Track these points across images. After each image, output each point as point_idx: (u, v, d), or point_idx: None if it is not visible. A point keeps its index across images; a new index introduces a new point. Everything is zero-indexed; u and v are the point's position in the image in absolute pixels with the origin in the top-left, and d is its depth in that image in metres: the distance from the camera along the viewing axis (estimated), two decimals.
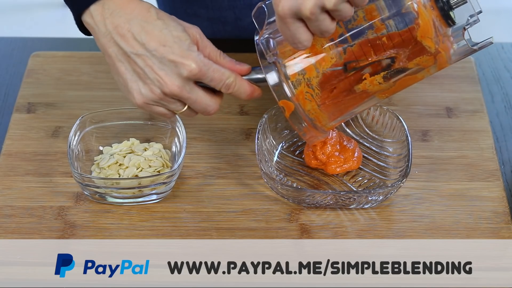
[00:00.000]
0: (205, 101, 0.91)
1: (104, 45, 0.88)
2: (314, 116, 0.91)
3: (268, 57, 0.89)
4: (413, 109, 1.11)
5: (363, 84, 0.89)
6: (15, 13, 2.60)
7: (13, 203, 0.98)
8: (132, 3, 0.87)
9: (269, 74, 0.89)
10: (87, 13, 0.87)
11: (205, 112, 0.92)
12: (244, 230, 0.95)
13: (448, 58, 0.87)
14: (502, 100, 1.15)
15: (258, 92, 0.93)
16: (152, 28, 0.86)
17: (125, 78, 0.88)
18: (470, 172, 1.02)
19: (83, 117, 1.02)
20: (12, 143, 1.05)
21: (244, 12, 1.24)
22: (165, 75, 0.87)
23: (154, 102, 0.90)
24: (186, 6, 1.27)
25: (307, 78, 0.89)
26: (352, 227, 0.96)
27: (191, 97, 0.89)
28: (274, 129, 1.05)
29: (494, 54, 1.23)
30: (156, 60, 0.86)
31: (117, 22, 0.86)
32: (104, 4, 0.87)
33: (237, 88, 0.91)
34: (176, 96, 0.89)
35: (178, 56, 0.86)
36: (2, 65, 1.21)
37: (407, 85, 0.91)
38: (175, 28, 0.88)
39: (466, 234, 0.95)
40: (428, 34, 0.85)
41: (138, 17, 0.87)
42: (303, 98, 0.89)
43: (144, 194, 0.98)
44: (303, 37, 0.84)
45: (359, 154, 1.02)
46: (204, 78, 0.88)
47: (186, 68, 0.87)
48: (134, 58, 0.87)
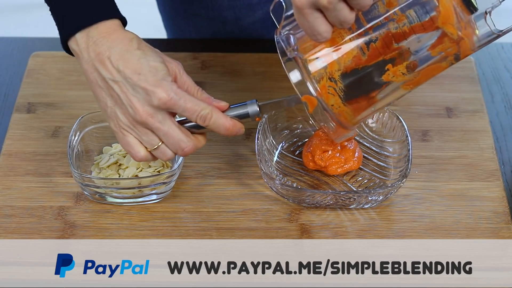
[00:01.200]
0: (178, 135, 0.89)
1: (87, 71, 0.89)
2: (338, 111, 0.89)
3: (289, 52, 0.88)
4: (413, 109, 1.11)
5: (386, 75, 0.88)
6: (15, 13, 2.60)
7: (13, 203, 0.98)
8: (116, 32, 0.89)
9: (290, 70, 0.88)
10: (72, 39, 0.89)
11: (179, 149, 0.89)
12: (244, 230, 0.95)
13: (472, 44, 0.86)
14: (502, 100, 1.15)
15: (240, 127, 0.91)
16: (131, 56, 0.88)
17: (104, 103, 0.90)
18: (470, 172, 1.02)
19: (83, 117, 1.02)
20: (12, 143, 1.05)
21: (244, 12, 1.24)
22: (137, 102, 0.87)
23: (129, 129, 0.89)
24: (186, 6, 1.27)
25: (329, 72, 0.88)
26: (352, 227, 0.96)
27: (162, 128, 0.88)
28: (274, 129, 1.05)
29: (494, 54, 1.23)
30: (130, 87, 0.88)
31: (99, 50, 0.88)
32: (89, 32, 0.89)
33: (213, 121, 0.89)
34: (147, 125, 0.88)
35: (150, 84, 0.87)
36: (2, 65, 1.21)
37: (432, 75, 0.89)
38: (153, 59, 0.88)
39: (466, 234, 0.95)
40: (450, 21, 0.84)
41: (119, 46, 0.88)
42: (326, 93, 0.88)
43: (144, 194, 0.98)
44: (322, 28, 0.83)
45: (359, 154, 1.02)
46: (175, 107, 0.88)
47: (156, 96, 0.87)
48: (112, 84, 0.88)
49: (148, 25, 1.65)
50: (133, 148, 0.90)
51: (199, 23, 1.27)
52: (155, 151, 0.90)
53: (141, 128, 0.89)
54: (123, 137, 0.90)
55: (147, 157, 0.91)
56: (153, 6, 1.38)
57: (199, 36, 1.28)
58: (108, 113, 0.90)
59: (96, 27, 0.88)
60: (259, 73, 1.16)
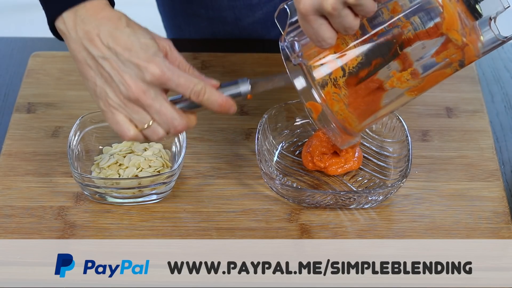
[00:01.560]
0: (170, 113, 0.87)
1: (74, 51, 0.88)
2: (343, 117, 0.89)
3: (293, 59, 0.88)
4: (413, 109, 1.11)
5: (391, 81, 0.88)
6: (15, 13, 2.60)
7: (13, 203, 0.98)
8: (104, 11, 0.88)
9: (295, 76, 0.88)
10: (59, 19, 0.88)
11: (172, 127, 0.88)
12: (244, 230, 0.95)
13: (476, 50, 0.86)
14: (502, 100, 1.15)
15: (232, 104, 0.89)
16: (120, 34, 0.87)
17: (93, 82, 0.88)
18: (470, 172, 1.02)
19: (83, 117, 1.02)
20: (12, 143, 1.05)
21: (244, 12, 1.24)
22: (129, 78, 0.86)
23: (120, 108, 0.88)
24: (186, 6, 1.27)
25: (333, 78, 0.87)
26: (352, 227, 0.96)
27: (154, 105, 0.87)
28: (274, 129, 1.05)
29: (494, 54, 1.23)
30: (121, 64, 0.86)
31: (87, 28, 0.87)
32: (77, 11, 0.88)
33: (207, 96, 0.88)
34: (139, 101, 0.87)
35: (142, 60, 0.86)
36: (2, 65, 1.21)
37: (437, 81, 0.89)
38: (143, 36, 0.88)
39: (466, 234, 0.95)
40: (454, 27, 0.84)
41: (108, 24, 0.87)
42: (331, 99, 0.88)
43: (144, 194, 0.98)
44: (327, 35, 0.83)
45: (359, 154, 1.02)
46: (169, 83, 0.86)
47: (149, 71, 0.85)
48: (101, 62, 0.87)
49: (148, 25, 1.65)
50: (122, 127, 0.88)
51: (199, 23, 1.27)
52: (146, 130, 0.88)
53: (133, 106, 0.87)
54: (112, 116, 0.88)
55: (137, 136, 0.89)
56: (153, 6, 1.38)
57: (199, 36, 1.28)
58: (97, 93, 0.88)
59: (84, 6, 0.87)
60: (259, 73, 1.16)
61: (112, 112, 0.88)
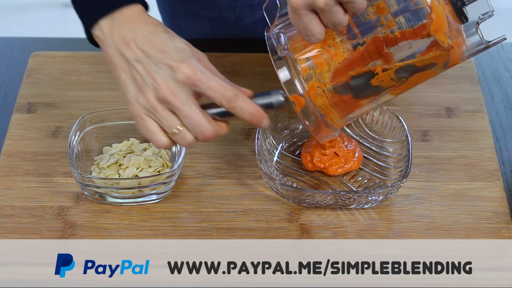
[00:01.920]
0: (199, 118, 0.87)
1: (111, 56, 0.88)
2: (325, 112, 0.89)
3: (279, 51, 0.88)
4: (413, 109, 1.11)
5: (375, 79, 0.88)
6: (15, 13, 2.60)
7: (13, 203, 0.98)
8: (141, 17, 0.88)
9: (279, 68, 0.88)
10: (96, 26, 0.88)
11: (200, 132, 0.87)
12: (244, 230, 0.95)
13: (461, 53, 0.86)
14: (502, 100, 1.15)
15: (263, 115, 0.88)
16: (156, 38, 0.87)
17: (125, 86, 0.88)
18: (470, 172, 1.02)
19: (83, 117, 1.02)
20: (12, 143, 1.06)
21: (244, 12, 1.24)
22: (160, 78, 0.86)
23: (149, 113, 0.87)
24: (186, 6, 1.27)
25: (318, 73, 0.88)
26: (352, 227, 0.96)
27: (184, 108, 0.86)
28: (274, 129, 1.05)
29: (494, 54, 1.23)
30: (153, 65, 0.86)
31: (123, 33, 0.87)
32: (114, 18, 0.88)
33: (240, 103, 0.87)
34: (169, 103, 0.86)
35: (175, 61, 0.86)
36: (2, 65, 1.21)
37: (421, 81, 0.89)
38: (179, 40, 0.88)
39: (466, 234, 0.95)
40: (442, 29, 0.84)
41: (144, 29, 0.87)
42: (314, 93, 0.88)
43: (144, 194, 0.98)
44: (316, 30, 0.84)
45: (359, 155, 1.02)
46: (200, 84, 0.86)
47: (181, 71, 0.85)
48: (135, 64, 0.87)
49: None
50: (154, 135, 0.88)
51: (199, 23, 1.27)
52: (176, 136, 0.88)
53: (162, 110, 0.87)
54: (143, 123, 0.88)
55: (169, 144, 0.88)
56: (153, 6, 1.37)
57: (199, 36, 1.28)
58: (128, 97, 0.88)
59: (121, 12, 0.87)
60: (259, 73, 1.16)
61: (143, 118, 0.88)
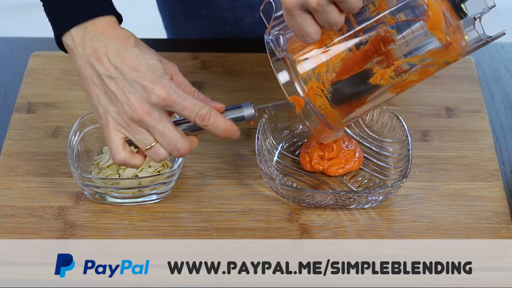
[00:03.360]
0: (174, 135, 0.88)
1: (81, 67, 0.88)
2: (326, 112, 0.89)
3: (278, 52, 0.88)
4: (413, 109, 1.11)
5: (374, 78, 0.88)
6: (15, 13, 2.60)
7: (13, 203, 0.98)
8: (113, 29, 0.88)
9: (277, 69, 0.88)
10: (67, 35, 0.88)
11: (175, 149, 0.88)
12: (244, 230, 0.95)
13: (460, 49, 0.86)
14: (502, 100, 1.15)
15: (236, 129, 0.90)
16: (129, 54, 0.87)
17: (97, 100, 0.88)
18: (470, 172, 1.02)
19: (83, 117, 1.02)
20: (12, 143, 1.05)
21: (244, 12, 1.24)
22: (135, 98, 0.86)
23: (120, 127, 0.88)
24: (186, 6, 1.27)
25: (317, 73, 0.88)
26: (352, 227, 0.96)
27: (158, 126, 0.87)
28: (274, 129, 1.05)
29: (494, 54, 1.23)
30: (127, 84, 0.86)
31: (95, 45, 0.87)
32: (86, 28, 0.88)
33: (212, 121, 0.88)
34: (143, 123, 0.87)
35: (149, 81, 0.86)
36: (2, 65, 1.21)
37: (421, 79, 0.89)
38: (151, 57, 0.88)
39: (466, 234, 0.95)
40: (438, 25, 0.84)
41: (116, 43, 0.87)
42: (314, 94, 0.88)
43: (144, 194, 0.98)
44: (311, 30, 0.84)
45: (360, 155, 1.02)
46: (174, 105, 0.87)
47: (155, 93, 0.86)
48: (107, 80, 0.87)
49: (148, 25, 1.65)
50: (117, 149, 0.88)
51: (199, 23, 1.28)
52: (149, 150, 0.89)
53: (136, 127, 0.88)
54: (109, 135, 0.88)
55: (125, 161, 0.89)
56: (153, 6, 1.38)
57: (199, 36, 1.28)
58: (99, 111, 0.89)
59: (93, 23, 0.88)
60: (259, 73, 1.16)
61: (111, 131, 0.88)
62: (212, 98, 1.11)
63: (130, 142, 0.90)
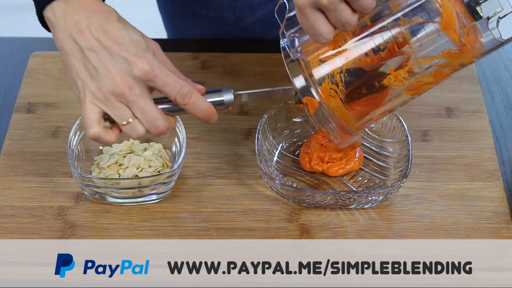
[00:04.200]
0: (154, 112, 0.87)
1: (61, 41, 0.87)
2: (340, 114, 0.89)
3: (292, 53, 0.88)
4: (413, 109, 1.11)
5: (388, 79, 0.87)
6: (15, 13, 2.60)
7: (13, 203, 0.98)
8: (96, 4, 0.87)
9: (292, 71, 0.88)
10: (48, 8, 0.87)
11: (154, 127, 0.87)
12: (244, 230, 0.95)
13: (475, 51, 0.85)
14: (502, 100, 1.15)
15: (215, 113, 0.89)
16: (111, 28, 0.86)
17: (76, 74, 0.87)
18: (470, 172, 1.02)
19: None
20: (12, 143, 1.06)
21: (245, 12, 1.24)
22: (117, 72, 0.85)
23: (98, 102, 0.86)
24: (186, 6, 1.27)
25: (330, 74, 0.88)
26: (352, 227, 0.96)
27: (139, 102, 0.86)
28: (274, 129, 1.05)
29: (494, 54, 1.22)
30: (109, 56, 0.85)
31: (77, 19, 0.86)
32: (68, 1, 0.87)
33: (193, 100, 0.87)
34: (123, 96, 0.86)
35: (132, 55, 0.85)
36: (2, 65, 1.21)
37: (436, 81, 0.89)
38: (134, 32, 0.87)
39: (466, 234, 0.95)
40: (452, 26, 0.84)
41: (99, 16, 0.86)
42: (327, 95, 0.88)
43: (144, 194, 0.98)
44: (324, 29, 0.83)
45: (360, 155, 1.02)
46: (156, 80, 0.86)
47: (138, 66, 0.85)
48: (88, 53, 0.86)
49: (148, 25, 1.65)
50: (90, 122, 0.87)
51: (199, 23, 1.27)
52: (126, 126, 0.87)
53: (114, 101, 0.86)
54: (85, 109, 0.86)
55: (98, 135, 0.87)
56: (153, 6, 1.38)
57: (199, 36, 1.28)
58: (78, 85, 0.87)
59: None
60: (259, 73, 1.16)
61: (88, 105, 0.86)
62: None
63: (106, 117, 0.88)
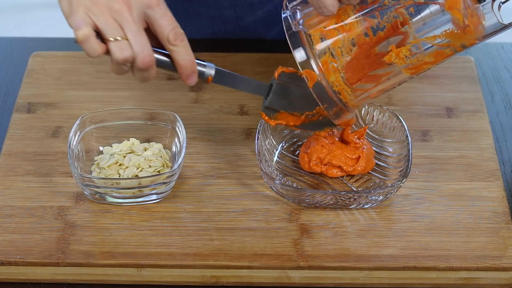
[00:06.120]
0: (146, 41, 0.85)
1: None
2: (339, 89, 0.89)
3: (294, 25, 0.88)
4: (413, 109, 1.11)
5: (389, 56, 0.87)
6: (15, 13, 2.60)
7: (13, 203, 0.98)
8: None
9: (293, 43, 0.88)
10: None
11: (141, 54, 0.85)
12: (244, 230, 0.95)
13: (477, 33, 0.85)
14: (502, 100, 1.15)
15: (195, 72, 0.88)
16: None
17: None
18: (470, 172, 1.02)
19: (83, 117, 1.02)
20: (12, 143, 1.05)
21: (245, 11, 1.24)
22: None
23: (94, 16, 0.84)
24: (187, 5, 1.27)
25: (331, 48, 0.88)
26: (352, 227, 0.96)
27: (133, 25, 0.84)
28: (274, 129, 1.05)
29: (494, 54, 1.23)
30: None
31: None
32: None
33: (184, 44, 0.86)
34: (120, 14, 0.84)
35: None
36: (2, 65, 1.21)
37: (436, 61, 0.89)
38: None
39: (466, 234, 0.95)
40: (456, 6, 0.83)
41: None
42: (327, 69, 0.88)
43: (144, 194, 0.98)
44: (328, 1, 0.84)
45: (365, 164, 1.01)
46: (157, 9, 0.84)
47: None
48: None
49: None
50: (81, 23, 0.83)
51: (199, 22, 1.27)
52: (115, 43, 0.84)
53: (109, 17, 0.84)
54: (77, 14, 0.84)
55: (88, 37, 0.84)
56: None
57: (200, 35, 1.28)
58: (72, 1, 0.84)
59: None
60: (259, 73, 1.16)
61: (81, 13, 0.84)
62: (212, 98, 1.12)
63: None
